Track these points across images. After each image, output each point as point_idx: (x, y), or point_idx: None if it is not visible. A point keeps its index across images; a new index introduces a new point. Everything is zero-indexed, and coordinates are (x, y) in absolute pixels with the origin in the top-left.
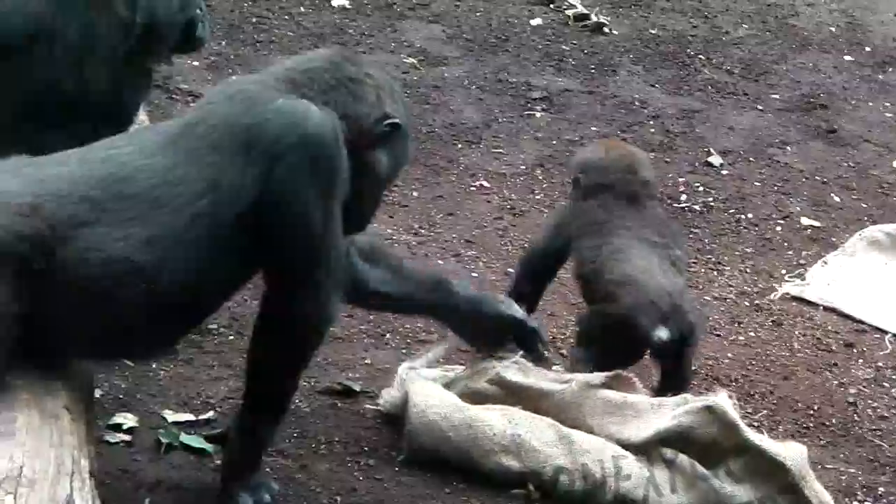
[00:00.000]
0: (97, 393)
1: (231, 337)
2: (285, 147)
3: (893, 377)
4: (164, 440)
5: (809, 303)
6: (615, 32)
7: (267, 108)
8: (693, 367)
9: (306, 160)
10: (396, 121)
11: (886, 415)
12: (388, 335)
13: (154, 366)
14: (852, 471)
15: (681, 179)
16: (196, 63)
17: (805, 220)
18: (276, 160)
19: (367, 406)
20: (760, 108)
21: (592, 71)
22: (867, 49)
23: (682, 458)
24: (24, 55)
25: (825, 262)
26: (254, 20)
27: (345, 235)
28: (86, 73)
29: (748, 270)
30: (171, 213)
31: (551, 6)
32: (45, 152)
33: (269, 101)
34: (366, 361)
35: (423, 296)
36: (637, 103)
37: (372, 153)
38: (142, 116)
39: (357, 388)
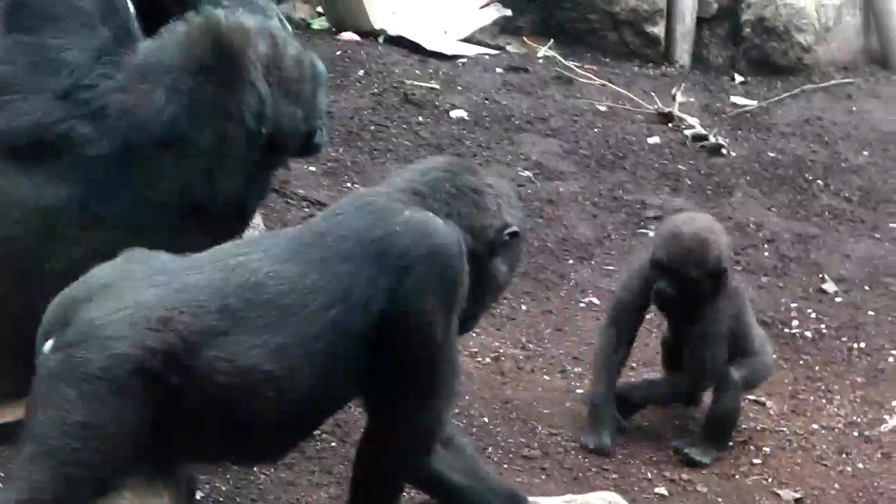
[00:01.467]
0: (198, 495)
1: (333, 443)
2: (414, 259)
3: None
4: None
5: None
6: (733, 154)
7: (396, 220)
8: (797, 496)
9: (434, 273)
10: (516, 230)
11: None
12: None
13: (255, 469)
14: None
15: (793, 305)
16: (313, 168)
17: None
18: (405, 272)
19: None
20: (878, 236)
21: (708, 192)
22: None
23: None
24: (157, 159)
25: None
26: (372, 128)
27: None
28: (215, 179)
29: (858, 400)
30: (301, 321)
31: (670, 125)
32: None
33: (397, 213)
34: None
35: (492, 500)
36: (752, 226)
37: (493, 262)
38: (257, 219)
39: None
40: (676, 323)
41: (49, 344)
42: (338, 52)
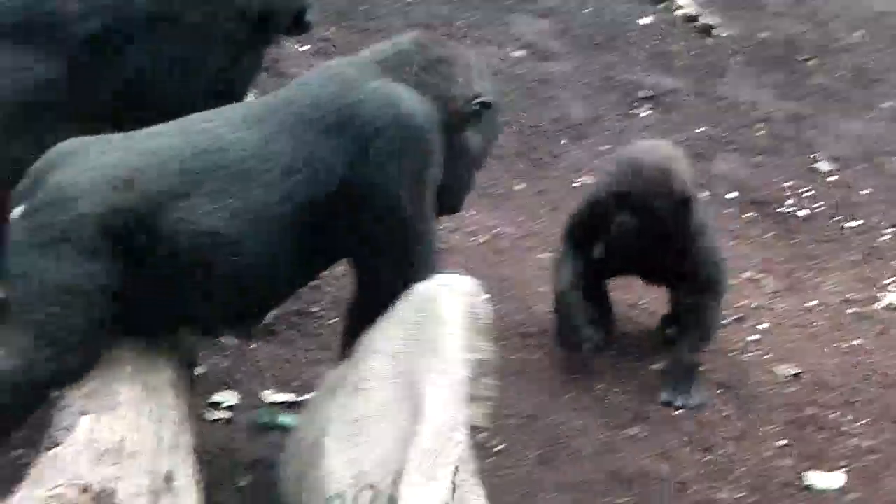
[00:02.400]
0: (199, 371)
1: (332, 321)
2: (379, 128)
3: None
4: (262, 420)
5: None
6: (725, 34)
7: (362, 89)
8: (794, 371)
9: (398, 142)
10: (486, 99)
11: None
12: None
13: (254, 346)
14: None
15: (787, 184)
16: (304, 48)
17: None
18: (369, 140)
19: None
20: (870, 115)
21: (701, 72)
22: None
23: None
24: (145, 37)
25: None
26: (363, 8)
27: (439, 216)
28: (204, 56)
29: (853, 278)
30: (262, 186)
31: (661, 5)
32: None
33: (364, 83)
34: None
35: None
36: (745, 106)
37: (463, 134)
38: (249, 97)
39: None
40: (642, 270)
41: (18, 210)
42: None
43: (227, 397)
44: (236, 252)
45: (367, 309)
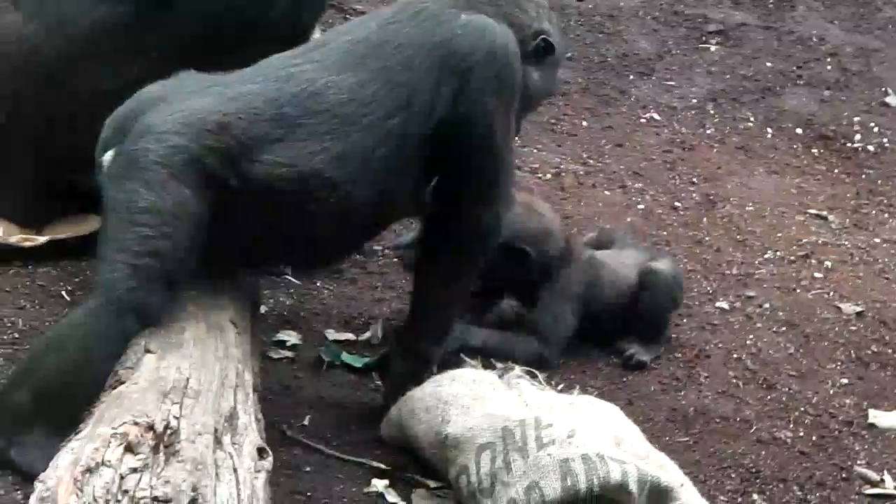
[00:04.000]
0: (262, 309)
1: (396, 258)
2: (476, 62)
3: None
4: (325, 358)
5: None
6: None
7: (454, 24)
8: (859, 309)
9: (494, 74)
10: (551, 40)
11: None
12: None
13: (318, 284)
14: None
15: (855, 119)
16: None
17: None
18: (467, 75)
19: None
20: None
21: (770, 5)
22: None
23: None
24: None
25: None
26: None
27: None
28: None
29: None
30: (362, 130)
31: None
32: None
33: (454, 18)
34: None
35: None
36: (814, 40)
37: (527, 69)
38: (316, 34)
39: None
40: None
41: (109, 154)
42: None
43: (291, 335)
44: (336, 194)
45: (443, 236)
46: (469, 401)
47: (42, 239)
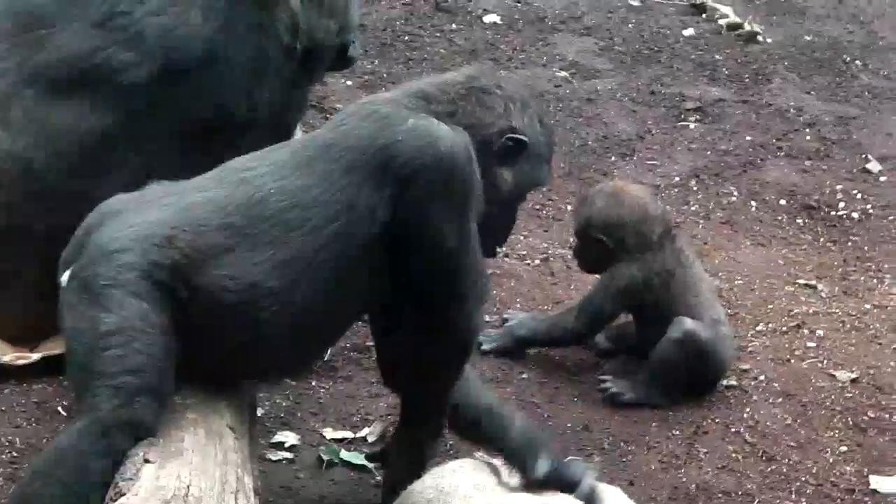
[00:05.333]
0: (259, 412)
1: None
2: (418, 168)
3: None
4: (325, 457)
5: None
6: (769, 40)
7: (398, 129)
8: (853, 376)
9: (439, 180)
10: (521, 137)
11: None
12: None
13: (314, 384)
14: None
15: (838, 187)
16: (349, 83)
17: None
18: (409, 181)
19: None
20: None
21: (746, 80)
22: None
23: None
24: (197, 79)
25: None
26: (406, 38)
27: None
28: (254, 95)
29: None
30: (305, 235)
31: (704, 16)
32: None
33: (401, 122)
34: None
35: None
36: (792, 111)
37: (495, 168)
38: (298, 134)
39: None
40: None
41: (66, 275)
42: None
43: (289, 437)
44: (281, 302)
45: (418, 341)
46: (471, 490)
47: (35, 356)
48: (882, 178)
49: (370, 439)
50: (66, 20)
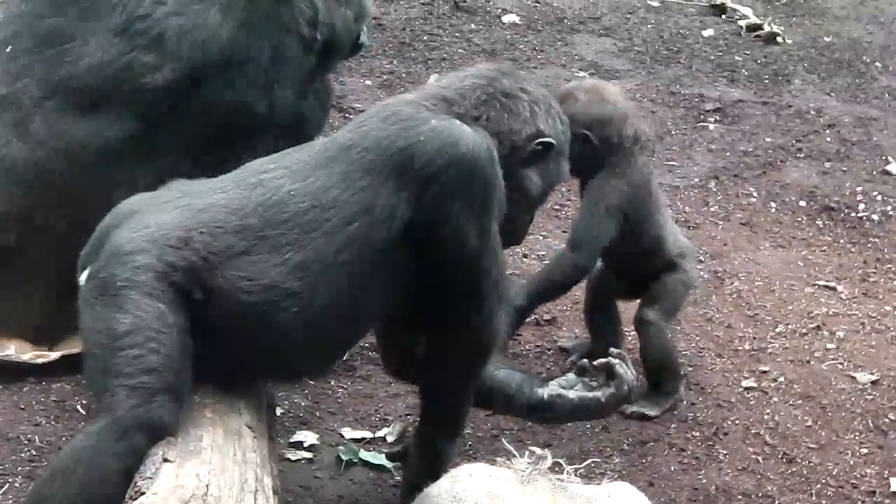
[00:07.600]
0: (278, 411)
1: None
2: (438, 169)
3: None
4: (343, 457)
5: None
6: (789, 41)
7: (419, 129)
8: (874, 377)
9: (459, 181)
10: (549, 140)
11: None
12: None
13: (333, 383)
14: None
15: (858, 189)
16: (369, 82)
17: None
18: (429, 182)
19: None
20: None
21: (766, 81)
22: None
23: None
24: (219, 78)
25: None
26: (425, 38)
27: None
28: (275, 93)
29: None
30: (323, 236)
31: (723, 17)
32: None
33: (422, 123)
34: None
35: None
36: (812, 112)
37: (522, 171)
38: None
39: None
40: None
41: (84, 275)
42: None
43: (308, 436)
44: (299, 304)
45: (439, 341)
46: (483, 497)
47: (55, 355)
48: None
49: (389, 439)
50: (86, 33)
